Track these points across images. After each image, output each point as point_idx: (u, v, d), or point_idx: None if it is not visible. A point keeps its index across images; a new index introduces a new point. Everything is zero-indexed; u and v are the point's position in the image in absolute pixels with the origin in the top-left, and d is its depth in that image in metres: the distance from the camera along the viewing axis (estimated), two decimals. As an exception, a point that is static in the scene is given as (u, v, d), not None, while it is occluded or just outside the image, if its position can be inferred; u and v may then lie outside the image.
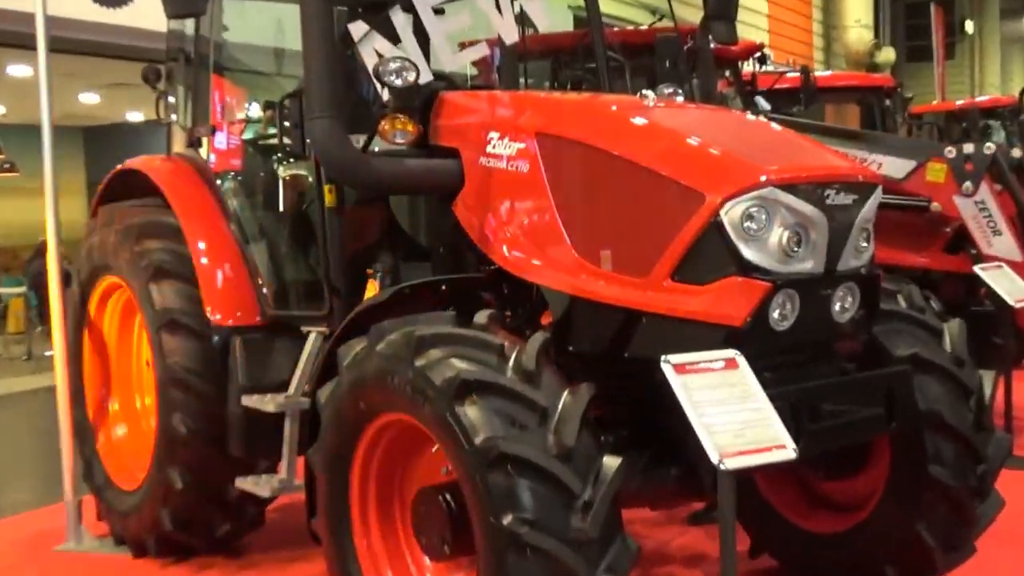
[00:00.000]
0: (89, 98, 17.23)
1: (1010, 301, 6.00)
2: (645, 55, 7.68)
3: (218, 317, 4.88)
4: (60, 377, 5.48)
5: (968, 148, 6.54)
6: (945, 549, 4.00)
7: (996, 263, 6.27)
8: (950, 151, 6.57)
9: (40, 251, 12.27)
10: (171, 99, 5.38)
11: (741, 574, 4.02)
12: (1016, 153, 6.67)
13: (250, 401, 4.69)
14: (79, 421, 5.54)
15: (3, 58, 12.60)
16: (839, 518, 4.35)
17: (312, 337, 4.68)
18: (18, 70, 13.37)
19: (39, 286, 12.01)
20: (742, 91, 9.91)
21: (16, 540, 5.65)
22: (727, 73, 9.87)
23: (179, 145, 5.43)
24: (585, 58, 7.42)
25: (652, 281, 3.51)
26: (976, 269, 6.21)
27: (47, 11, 5.34)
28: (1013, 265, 6.30)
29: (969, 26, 30.75)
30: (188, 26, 5.18)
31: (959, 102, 17.29)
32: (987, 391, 4.24)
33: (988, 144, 6.57)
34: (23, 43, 6.32)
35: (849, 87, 12.87)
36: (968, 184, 6.43)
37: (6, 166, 17.25)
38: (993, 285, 6.06)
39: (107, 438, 5.54)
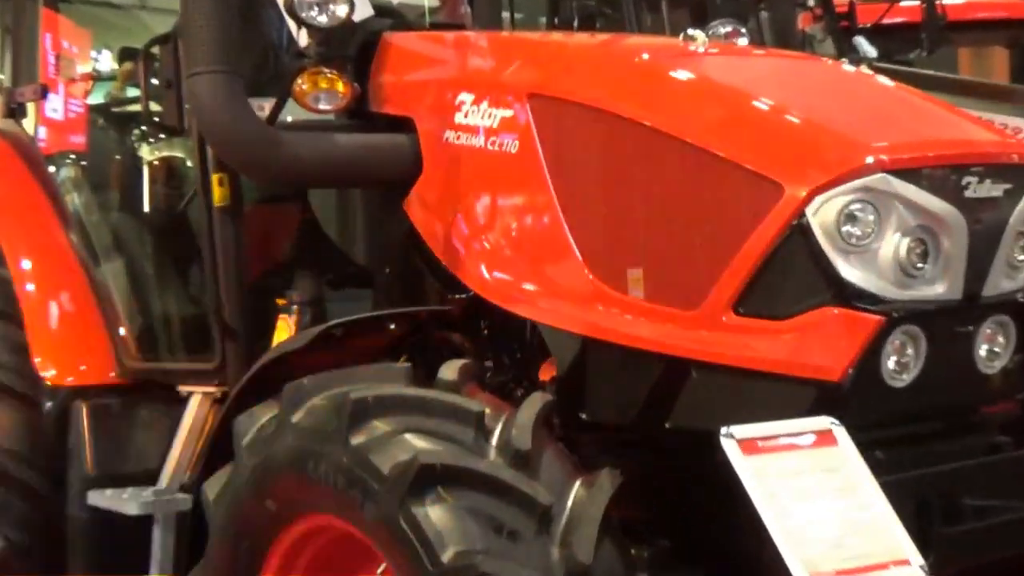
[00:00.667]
0: None
1: None
2: (689, -24, 7.71)
3: (53, 373, 4.89)
4: None
5: None
6: None
7: None
8: None
9: None
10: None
11: None
12: None
13: (101, 498, 4.68)
14: None
15: None
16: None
17: (195, 401, 4.66)
18: None
19: None
20: (835, 29, 9.92)
21: None
22: (812, 2, 9.90)
23: (-7, 114, 5.45)
24: (601, -19, 7.48)
25: (705, 315, 3.53)
26: None
27: None
28: None
29: None
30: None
31: None
32: None
33: None
34: None
35: (995, 20, 12.82)
36: None
37: None
38: None
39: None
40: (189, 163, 4.72)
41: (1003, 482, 3.63)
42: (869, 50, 9.62)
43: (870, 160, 3.41)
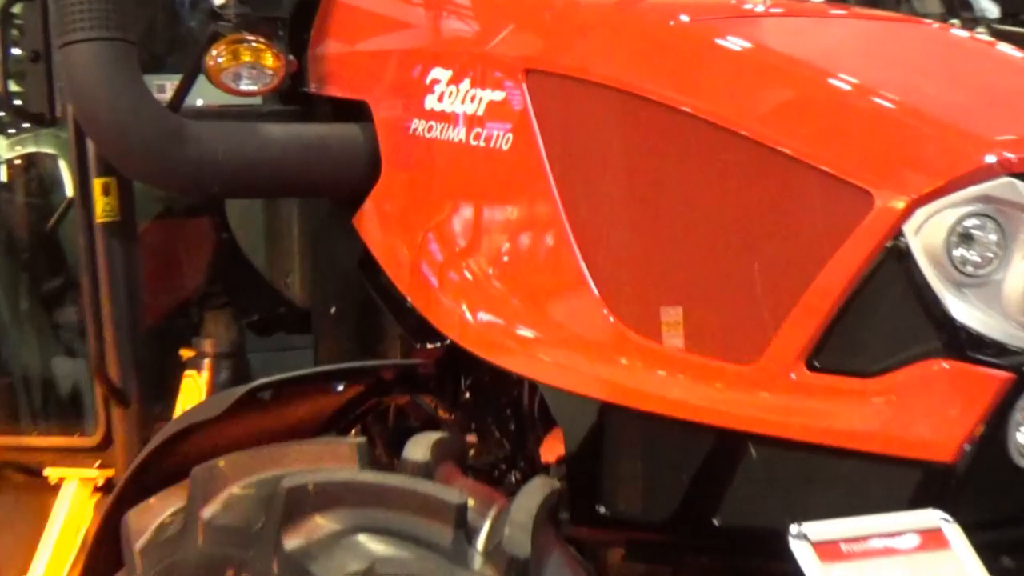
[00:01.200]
0: None
1: None
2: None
3: None
4: None
5: None
6: None
7: None
8: None
9: None
10: None
11: None
12: None
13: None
14: None
15: None
16: None
17: (71, 490, 4.65)
18: None
19: None
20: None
21: None
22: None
23: None
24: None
25: (768, 371, 3.52)
26: None
27: None
28: None
29: None
30: None
31: None
32: None
33: None
34: None
35: None
36: None
37: None
38: None
39: None
40: (62, 163, 4.73)
41: None
42: (989, 7, 9.65)
43: (992, 159, 3.38)
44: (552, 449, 3.94)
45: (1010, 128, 3.53)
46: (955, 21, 7.12)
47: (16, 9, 4.58)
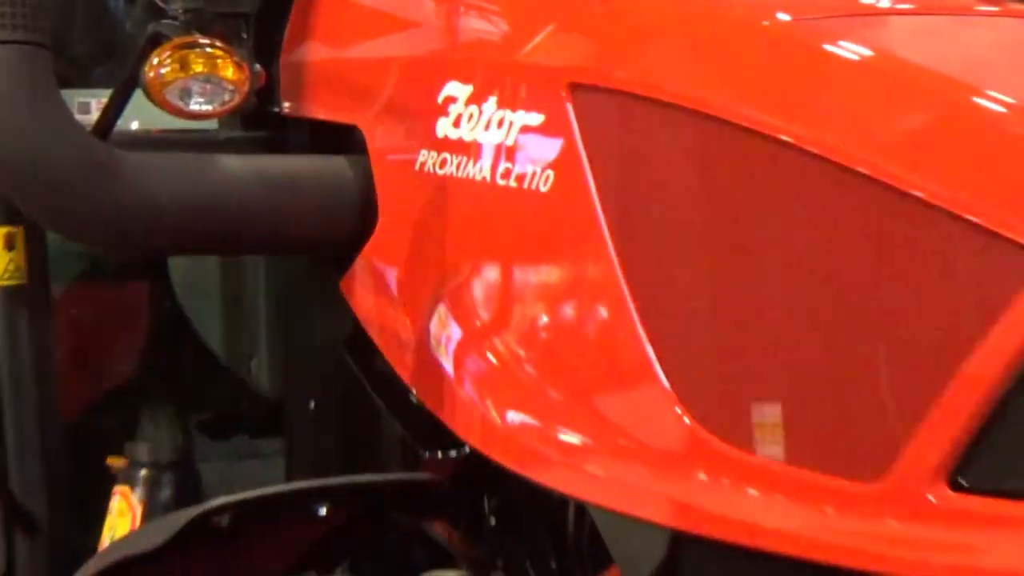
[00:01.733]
0: None
1: None
2: None
3: None
4: None
5: None
6: None
7: None
8: None
9: None
10: None
11: None
12: None
13: None
14: None
15: None
16: None
17: None
18: None
19: None
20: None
21: None
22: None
23: None
24: None
25: (899, 490, 3.38)
26: None
27: None
28: None
29: None
30: None
31: None
32: None
33: None
34: None
35: None
36: None
37: None
38: None
39: None
40: None
41: None
42: None
43: None
44: None
45: None
46: None
47: None
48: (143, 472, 4.54)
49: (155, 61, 4.23)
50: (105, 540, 4.40)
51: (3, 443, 4.52)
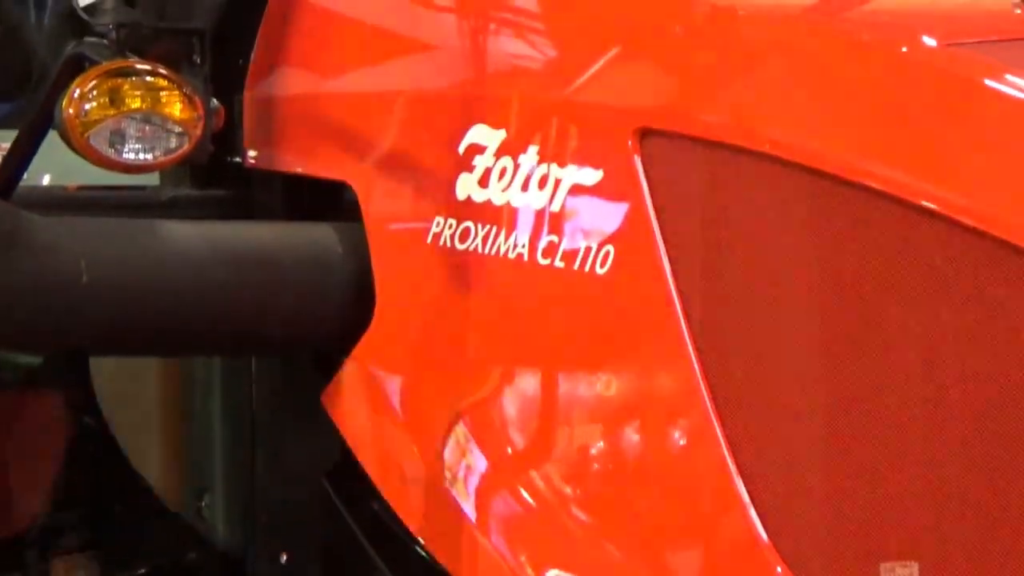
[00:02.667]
0: None
1: None
2: None
3: None
4: None
5: None
6: None
7: None
8: None
9: None
10: None
11: None
12: None
13: None
14: None
15: None
16: None
17: None
18: None
19: None
20: None
21: None
22: None
23: None
24: None
25: None
26: None
27: None
28: None
29: None
30: None
31: None
32: None
33: None
34: None
35: None
36: None
37: None
38: None
39: None
40: None
41: None
42: None
43: None
44: None
45: None
46: None
47: None
48: None
49: (76, 94, 3.48)
50: None
51: None
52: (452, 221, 3.31)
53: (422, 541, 3.47)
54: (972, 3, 3.60)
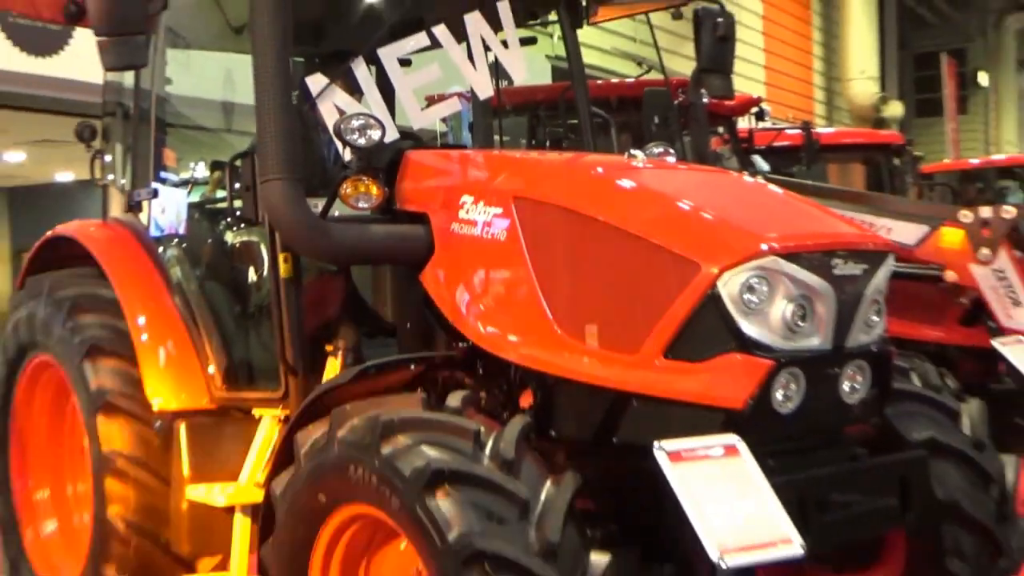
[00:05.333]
0: (14, 156, 16.95)
1: (1032, 378, 6.03)
2: (632, 110, 7.71)
3: (160, 400, 4.79)
4: (-18, 466, 5.38)
5: (985, 212, 6.46)
6: (966, 650, 4.09)
7: (1017, 337, 6.21)
8: (965, 215, 6.53)
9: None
10: (107, 158, 5.35)
11: None
12: (1036, 217, 6.67)
13: (196, 493, 4.62)
14: (4, 516, 5.49)
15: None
16: (850, 619, 4.27)
17: (266, 422, 4.59)
18: (-68, 125, 13.28)
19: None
20: (738, 149, 9.94)
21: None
22: (721, 130, 9.94)
23: (116, 209, 5.38)
24: (566, 113, 7.50)
25: (643, 359, 3.47)
26: (995, 343, 6.15)
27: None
28: (1035, 339, 6.32)
29: (983, 78, 31.03)
30: (127, 78, 5.12)
31: (974, 161, 17.52)
32: (1010, 477, 4.24)
33: (1007, 207, 6.46)
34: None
35: (854, 145, 13.00)
36: (986, 251, 6.37)
37: (-78, 230, 17.31)
38: (1014, 360, 5.97)
39: (35, 534, 5.46)
40: (263, 246, 4.60)
41: (861, 483, 3.58)
42: (763, 165, 9.72)
43: (764, 247, 3.38)
44: (526, 400, 3.84)
45: (774, 230, 3.50)
46: (745, 172, 7.13)
47: (237, 162, 4.49)
48: (340, 352, 4.27)
49: (344, 186, 4.04)
50: (324, 379, 4.19)
51: (283, 340, 4.36)
52: (457, 224, 3.98)
53: (449, 318, 3.97)
54: (619, 158, 4.50)
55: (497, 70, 4.50)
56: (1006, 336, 6.25)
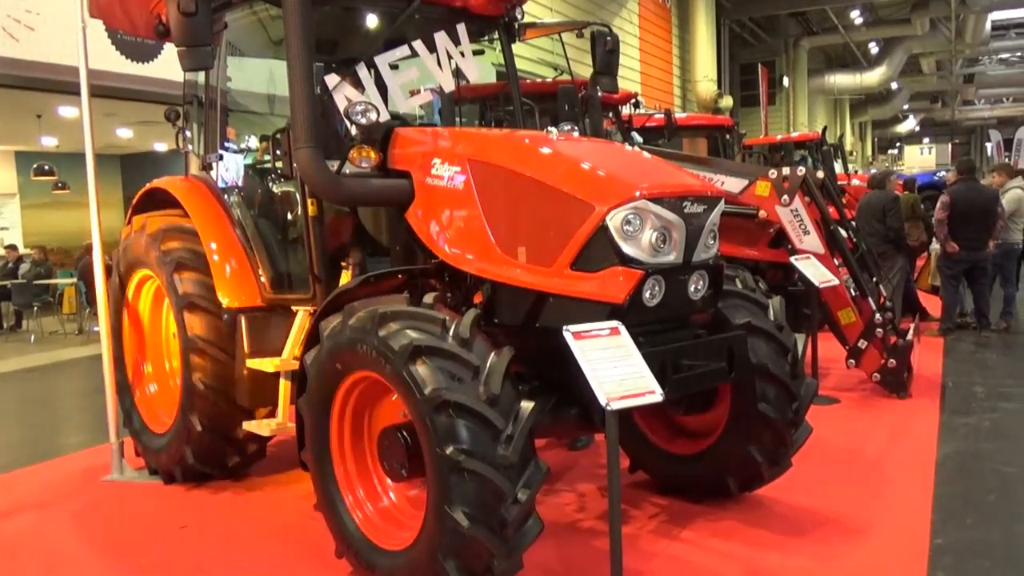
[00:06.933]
0: (124, 132, 16.61)
1: (816, 283, 6.15)
2: (550, 101, 7.63)
3: (227, 300, 4.65)
4: (105, 347, 5.27)
5: (785, 171, 6.59)
6: (769, 464, 4.03)
7: (806, 255, 6.41)
8: (772, 173, 6.67)
9: (87, 250, 11.88)
10: (187, 133, 5.11)
11: (623, 486, 4.28)
12: (819, 175, 6.80)
13: (253, 364, 4.52)
14: (120, 381, 5.35)
15: (55, 102, 12.20)
16: (693, 443, 4.32)
17: (300, 314, 4.48)
18: (67, 111, 12.97)
19: (87, 277, 11.90)
20: (622, 128, 9.96)
21: (72, 472, 5.53)
22: (610, 114, 9.90)
23: (194, 169, 5.19)
24: (505, 103, 7.34)
25: (556, 271, 3.38)
26: (791, 259, 6.35)
27: (89, 65, 5.17)
28: (818, 256, 6.45)
29: (786, 81, 31.44)
30: (200, 76, 4.94)
31: (778, 137, 17.71)
32: (799, 348, 4.29)
33: (799, 168, 6.58)
34: (71, 90, 5.98)
35: (700, 125, 13.05)
36: (785, 197, 6.55)
37: (60, 185, 17.13)
38: (804, 271, 6.20)
39: (142, 393, 5.37)
40: (296, 194, 4.39)
41: (701, 353, 3.52)
42: (638, 139, 9.70)
43: (638, 193, 3.30)
44: (478, 298, 3.74)
45: (644, 182, 3.40)
46: (626, 143, 7.09)
47: (278, 135, 4.32)
48: (351, 267, 4.15)
49: (352, 152, 3.95)
50: (340, 285, 3.90)
51: (311, 259, 4.23)
52: (430, 178, 3.80)
53: (426, 244, 3.78)
54: (540, 133, 4.04)
55: (458, 73, 4.32)
56: (799, 255, 6.44)
